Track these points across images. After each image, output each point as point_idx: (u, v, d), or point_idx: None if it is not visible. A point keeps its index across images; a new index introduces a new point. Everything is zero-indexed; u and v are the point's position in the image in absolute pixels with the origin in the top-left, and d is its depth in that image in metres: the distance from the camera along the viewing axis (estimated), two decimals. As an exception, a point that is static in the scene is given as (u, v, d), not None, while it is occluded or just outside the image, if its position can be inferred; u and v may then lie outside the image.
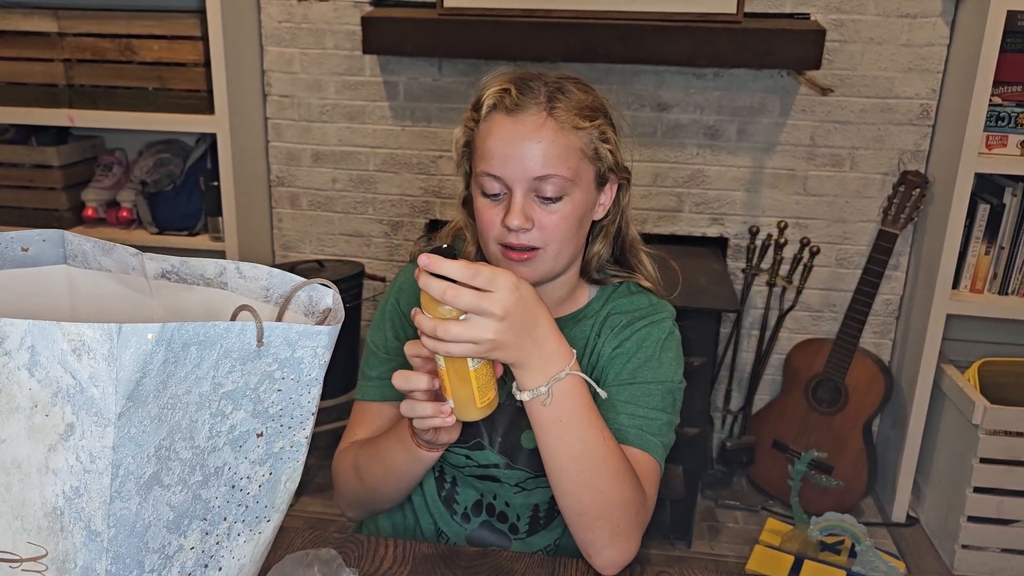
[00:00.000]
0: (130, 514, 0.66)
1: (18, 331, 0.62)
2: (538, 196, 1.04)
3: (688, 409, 2.11)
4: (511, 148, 1.03)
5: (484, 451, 1.14)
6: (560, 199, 1.04)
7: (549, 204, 1.04)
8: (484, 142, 1.05)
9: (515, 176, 1.03)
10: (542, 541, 1.18)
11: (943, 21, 2.18)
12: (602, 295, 1.18)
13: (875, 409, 2.32)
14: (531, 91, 1.04)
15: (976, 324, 2.35)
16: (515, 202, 1.03)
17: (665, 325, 1.14)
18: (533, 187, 1.03)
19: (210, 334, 0.65)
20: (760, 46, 2.08)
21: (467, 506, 1.17)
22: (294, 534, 1.06)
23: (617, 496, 0.99)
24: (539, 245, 1.05)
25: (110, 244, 0.83)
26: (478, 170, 1.06)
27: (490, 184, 1.05)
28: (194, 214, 2.47)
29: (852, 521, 2.05)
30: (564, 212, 1.05)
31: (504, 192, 1.05)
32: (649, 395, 1.10)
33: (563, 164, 1.03)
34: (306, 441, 0.75)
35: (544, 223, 1.04)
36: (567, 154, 1.04)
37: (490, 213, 1.06)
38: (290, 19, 2.40)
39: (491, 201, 1.06)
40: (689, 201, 2.41)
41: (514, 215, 1.03)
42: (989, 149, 2.09)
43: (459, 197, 1.17)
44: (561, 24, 2.12)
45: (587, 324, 1.15)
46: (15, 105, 2.37)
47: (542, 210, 1.04)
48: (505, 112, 1.04)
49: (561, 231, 1.05)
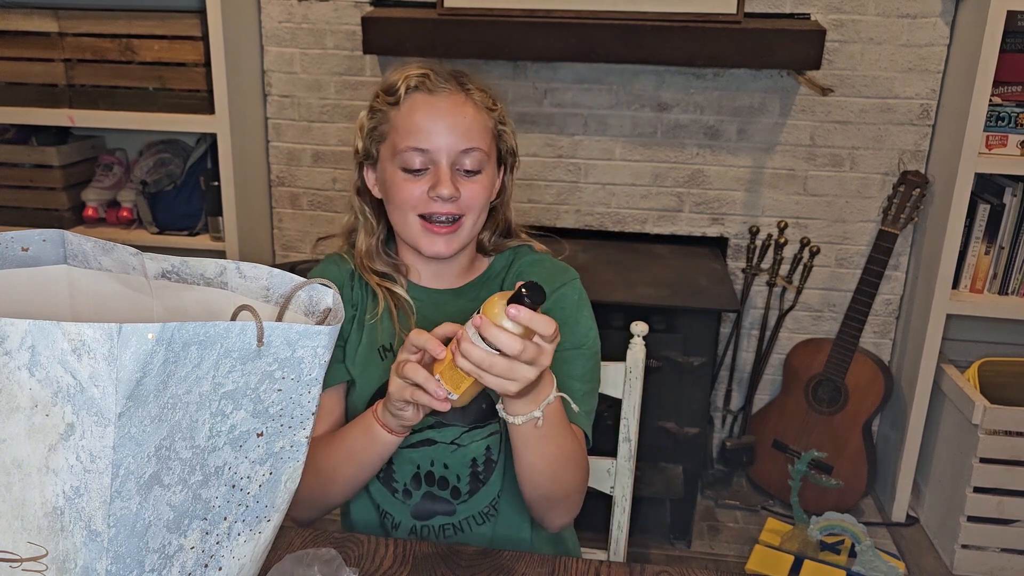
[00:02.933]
0: (130, 514, 0.66)
1: (18, 331, 0.62)
2: (459, 169, 1.13)
3: (688, 409, 2.14)
4: (438, 122, 1.11)
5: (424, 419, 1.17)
6: (479, 172, 1.14)
7: (470, 175, 1.13)
8: (408, 119, 1.12)
9: (442, 147, 1.11)
10: (485, 498, 1.20)
11: (943, 21, 2.18)
12: (500, 259, 1.26)
13: (875, 409, 2.32)
14: (446, 77, 1.14)
15: (976, 324, 2.35)
16: (443, 172, 1.12)
17: (576, 285, 1.22)
18: (456, 160, 1.12)
19: (210, 334, 0.65)
20: (760, 46, 2.08)
21: (405, 482, 1.19)
22: (294, 533, 1.06)
23: (577, 482, 1.12)
24: (462, 213, 1.14)
25: (110, 244, 0.84)
26: (401, 147, 1.12)
27: (414, 158, 1.12)
28: (194, 214, 2.47)
29: (852, 521, 2.06)
30: (483, 182, 1.15)
31: (426, 167, 1.12)
32: (570, 363, 1.16)
33: (482, 139, 1.14)
34: (306, 441, 0.75)
35: (466, 193, 1.13)
36: (484, 131, 1.14)
37: (411, 187, 1.13)
38: (290, 19, 2.40)
39: (413, 175, 1.13)
40: (689, 201, 2.41)
41: (444, 184, 1.11)
42: (989, 149, 2.09)
43: (353, 186, 1.24)
44: (561, 24, 2.12)
45: (494, 286, 1.23)
46: (15, 105, 2.37)
47: (463, 181, 1.13)
48: (428, 92, 1.13)
49: (480, 200, 1.15)
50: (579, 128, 2.38)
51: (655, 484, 2.15)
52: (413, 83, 1.13)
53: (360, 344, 1.20)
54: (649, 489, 2.14)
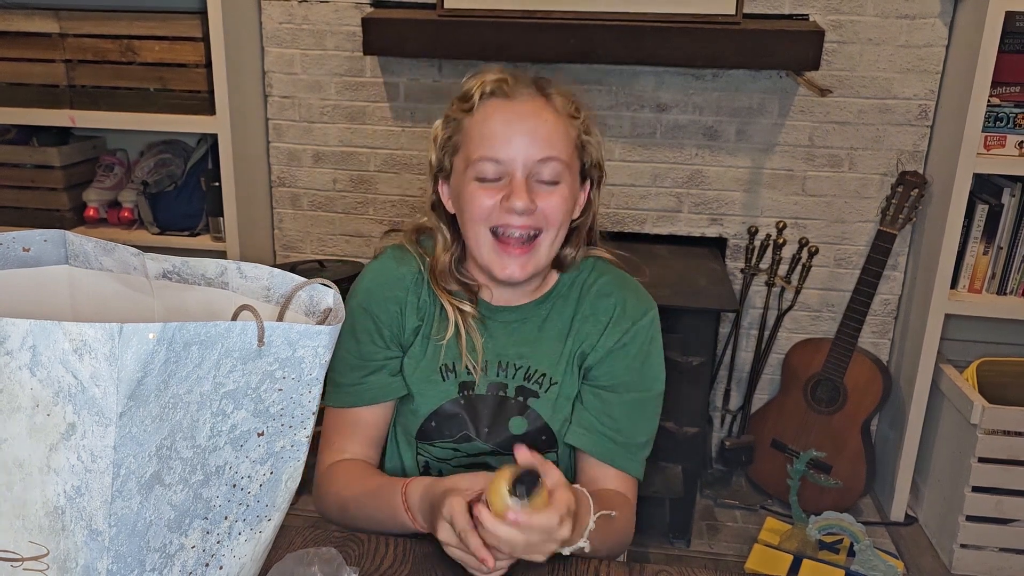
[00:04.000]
0: (131, 513, 0.66)
1: (20, 331, 0.62)
2: (536, 180, 1.05)
3: (687, 408, 2.14)
4: (514, 128, 1.04)
5: (473, 442, 1.15)
6: (558, 183, 1.06)
7: (547, 187, 1.05)
8: (482, 127, 1.05)
9: (518, 157, 1.04)
10: None
11: (941, 22, 2.18)
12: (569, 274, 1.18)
13: (874, 409, 2.33)
14: (525, 81, 1.08)
15: (974, 324, 2.35)
16: (518, 182, 1.04)
17: (651, 319, 1.16)
18: (533, 170, 1.04)
19: (211, 334, 0.66)
20: (759, 47, 2.09)
21: None
22: (295, 533, 1.06)
23: (627, 542, 1.11)
24: (539, 227, 1.06)
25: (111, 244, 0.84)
26: (474, 156, 1.05)
27: (488, 168, 1.05)
28: (195, 214, 2.47)
29: (851, 520, 2.06)
30: (563, 194, 1.06)
31: (502, 177, 1.05)
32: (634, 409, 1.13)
33: (562, 148, 1.05)
34: (307, 440, 0.76)
35: (543, 205, 1.05)
36: (565, 139, 1.06)
37: (484, 196, 1.05)
38: (291, 20, 2.40)
39: (486, 185, 1.05)
40: (688, 201, 2.41)
41: (518, 194, 1.03)
42: (987, 149, 2.09)
43: (428, 199, 1.16)
44: (561, 25, 2.13)
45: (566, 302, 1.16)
46: (16, 106, 2.37)
47: (540, 192, 1.05)
48: (504, 97, 1.06)
49: (559, 214, 1.06)
50: (579, 128, 2.38)
51: (654, 484, 2.16)
52: (489, 88, 1.06)
53: (423, 359, 1.15)
54: (648, 488, 2.14)
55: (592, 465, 1.13)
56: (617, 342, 1.13)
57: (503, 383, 1.14)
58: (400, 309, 1.15)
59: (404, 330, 1.15)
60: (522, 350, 1.14)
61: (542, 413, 1.14)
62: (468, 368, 1.13)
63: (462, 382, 1.14)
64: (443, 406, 1.14)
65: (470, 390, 1.14)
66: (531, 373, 1.14)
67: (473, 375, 1.13)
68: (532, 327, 1.15)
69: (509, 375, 1.14)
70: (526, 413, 1.14)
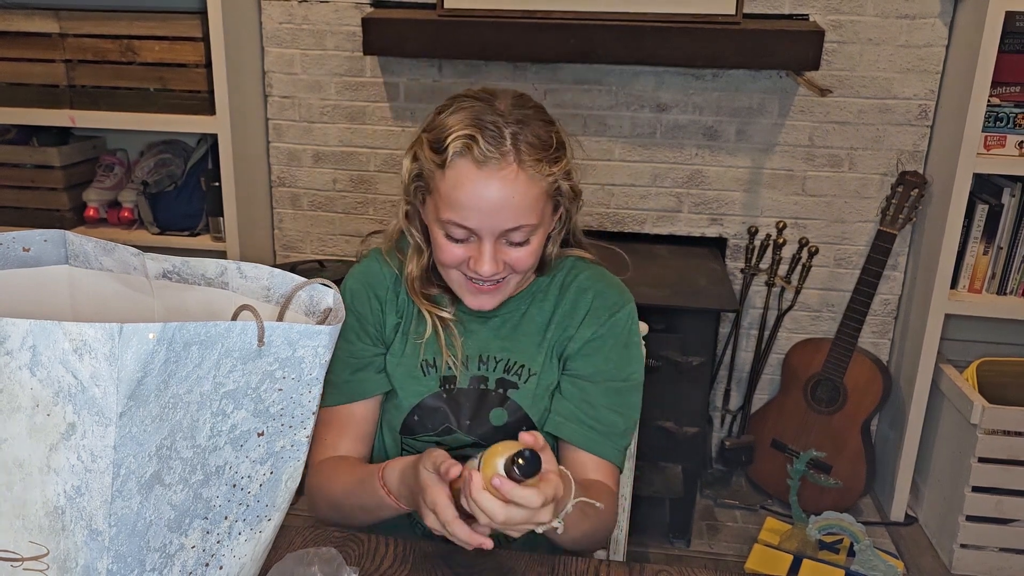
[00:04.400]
0: (131, 513, 0.66)
1: (20, 331, 0.62)
2: (506, 241, 1.06)
3: (687, 408, 2.14)
4: (483, 203, 1.02)
5: (455, 435, 1.18)
6: (527, 241, 1.07)
7: (517, 247, 1.07)
8: (452, 192, 1.03)
9: (487, 227, 1.04)
10: None
11: (941, 22, 2.18)
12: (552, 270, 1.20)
13: (874, 408, 2.33)
14: (498, 137, 1.01)
15: (974, 324, 2.35)
16: (485, 251, 1.05)
17: (629, 311, 1.18)
18: (502, 235, 1.05)
19: (211, 334, 0.66)
20: (759, 47, 2.09)
21: None
22: (295, 533, 1.07)
23: (608, 533, 1.14)
24: (508, 274, 1.09)
25: (111, 244, 0.84)
26: (443, 217, 1.05)
27: (457, 231, 1.05)
28: (195, 214, 2.47)
29: (851, 520, 2.06)
30: (531, 248, 1.08)
31: (470, 237, 1.06)
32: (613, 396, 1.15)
33: (533, 214, 1.05)
34: (307, 440, 0.76)
35: (511, 260, 1.07)
36: (536, 203, 1.05)
37: (454, 250, 1.07)
38: (291, 20, 2.40)
39: (455, 243, 1.07)
40: (688, 201, 2.41)
41: (485, 263, 1.05)
42: (987, 149, 2.09)
43: (402, 211, 1.16)
44: (561, 24, 2.13)
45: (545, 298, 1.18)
46: (16, 106, 2.37)
47: (508, 250, 1.07)
48: (474, 163, 1.01)
49: (527, 264, 1.09)
50: (578, 128, 2.38)
51: (654, 483, 2.16)
52: (458, 148, 1.01)
53: (404, 355, 1.18)
54: (648, 488, 2.15)
55: (573, 453, 1.15)
56: (595, 333, 1.16)
57: (484, 376, 1.17)
58: (381, 307, 1.19)
59: (385, 327, 1.19)
60: (503, 344, 1.18)
61: (522, 404, 1.17)
62: (449, 364, 1.16)
63: (444, 376, 1.17)
64: (425, 400, 1.17)
65: (452, 384, 1.17)
66: (511, 365, 1.17)
67: (454, 370, 1.17)
68: (512, 323, 1.18)
69: (490, 368, 1.17)
70: (506, 404, 1.16)
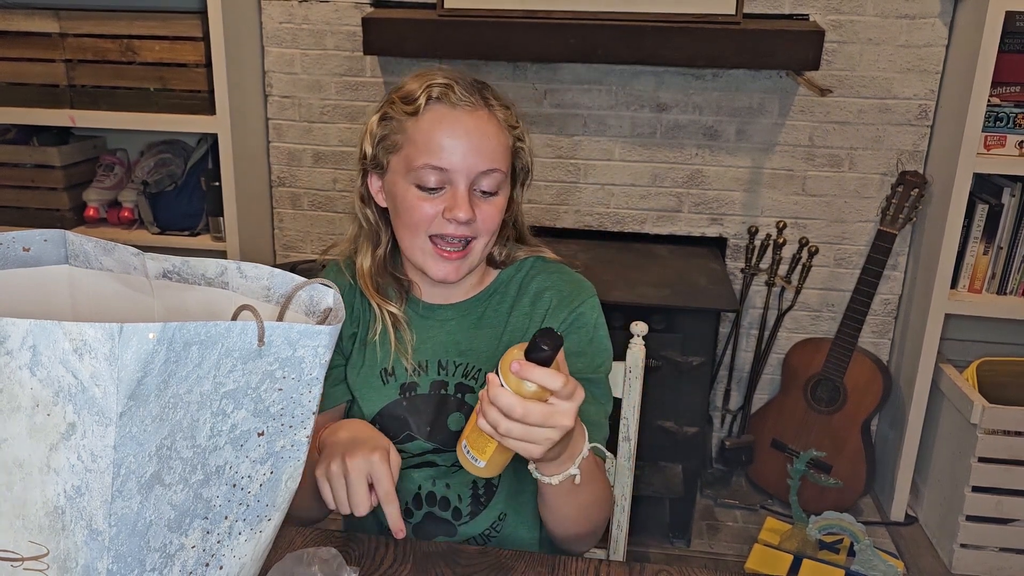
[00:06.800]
0: (131, 513, 0.66)
1: (20, 331, 0.62)
2: (476, 190, 1.07)
3: (687, 408, 2.14)
4: (460, 139, 1.05)
5: (415, 441, 1.17)
6: (496, 193, 1.08)
7: (486, 196, 1.08)
8: (428, 134, 1.05)
9: (461, 168, 1.05)
10: (486, 521, 1.19)
11: (942, 22, 2.18)
12: (508, 271, 1.20)
13: (874, 408, 2.33)
14: (470, 88, 1.07)
15: (974, 324, 2.35)
16: (460, 194, 1.05)
17: (593, 303, 1.18)
18: (475, 181, 1.06)
19: (211, 333, 0.66)
20: (759, 47, 2.09)
21: (407, 501, 1.18)
22: (295, 533, 1.07)
23: (605, 516, 1.11)
24: (475, 236, 1.09)
25: (111, 244, 0.84)
26: (417, 163, 1.06)
27: (431, 177, 1.06)
28: (195, 214, 2.47)
29: (851, 520, 2.06)
30: (499, 204, 1.09)
31: (442, 186, 1.06)
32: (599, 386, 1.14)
33: (503, 160, 1.08)
34: (307, 440, 0.76)
35: (481, 216, 1.07)
36: (505, 151, 1.08)
37: (425, 206, 1.07)
38: (291, 20, 2.40)
39: (428, 194, 1.07)
40: (688, 201, 2.41)
41: (461, 207, 1.05)
42: (987, 149, 2.09)
43: (356, 192, 1.16)
44: (561, 24, 2.13)
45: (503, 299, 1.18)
46: (17, 105, 2.38)
47: (479, 202, 1.07)
48: (450, 105, 1.05)
49: (494, 222, 1.09)
50: (578, 128, 2.38)
51: (654, 483, 2.16)
52: (435, 93, 1.05)
53: (363, 366, 1.17)
54: (648, 488, 2.15)
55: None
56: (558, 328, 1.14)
57: (444, 381, 1.16)
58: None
59: (342, 338, 1.18)
60: (461, 347, 1.17)
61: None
62: (407, 369, 1.15)
63: (403, 384, 1.16)
64: (385, 407, 1.16)
65: (412, 391, 1.16)
66: (469, 370, 1.16)
67: (409, 375, 1.15)
68: (468, 324, 1.17)
69: (450, 373, 1.16)
70: (464, 409, 1.15)
